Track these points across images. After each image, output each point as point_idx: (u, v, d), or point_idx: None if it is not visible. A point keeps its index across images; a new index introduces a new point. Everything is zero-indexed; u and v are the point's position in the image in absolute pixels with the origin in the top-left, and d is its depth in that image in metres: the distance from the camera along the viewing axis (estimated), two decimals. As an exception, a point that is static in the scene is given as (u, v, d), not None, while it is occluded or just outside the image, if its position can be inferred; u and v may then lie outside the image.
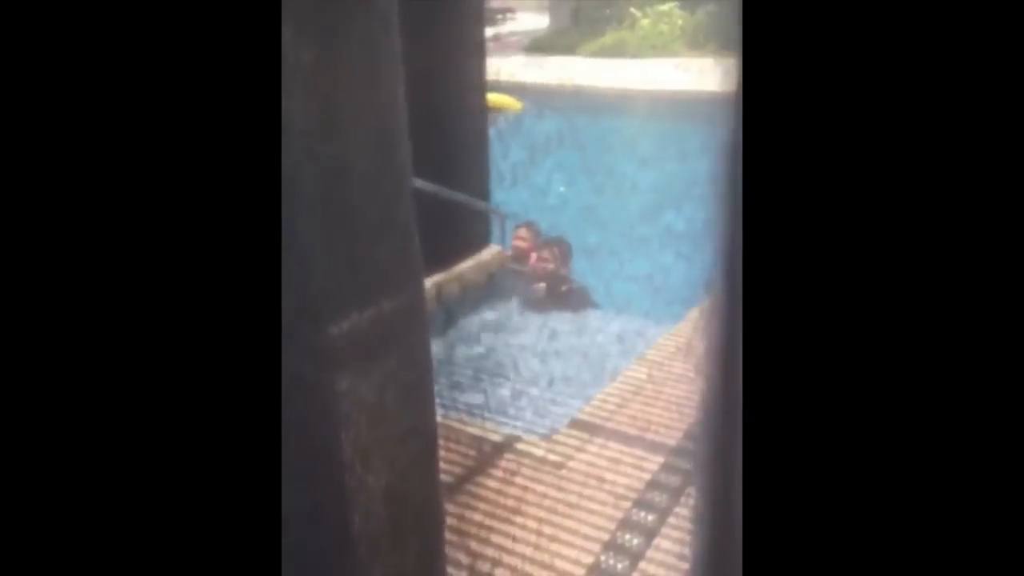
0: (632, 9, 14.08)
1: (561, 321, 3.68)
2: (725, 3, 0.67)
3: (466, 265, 3.81)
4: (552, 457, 2.52)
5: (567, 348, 3.37)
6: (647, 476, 2.41)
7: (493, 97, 10.41)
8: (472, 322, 3.64)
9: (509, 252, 4.20)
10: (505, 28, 16.17)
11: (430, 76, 3.23)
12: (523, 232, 4.46)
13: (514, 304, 3.90)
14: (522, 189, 5.13)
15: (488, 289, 3.88)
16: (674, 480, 2.39)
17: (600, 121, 9.44)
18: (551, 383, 3.06)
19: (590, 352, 3.33)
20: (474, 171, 3.81)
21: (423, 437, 1.40)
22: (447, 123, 3.50)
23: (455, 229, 3.56)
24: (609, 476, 2.42)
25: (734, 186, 0.67)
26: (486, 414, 2.82)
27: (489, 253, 4.01)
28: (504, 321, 3.68)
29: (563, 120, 8.81)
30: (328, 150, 1.14)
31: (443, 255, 3.51)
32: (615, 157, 7.62)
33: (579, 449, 2.56)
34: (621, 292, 4.07)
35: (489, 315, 3.74)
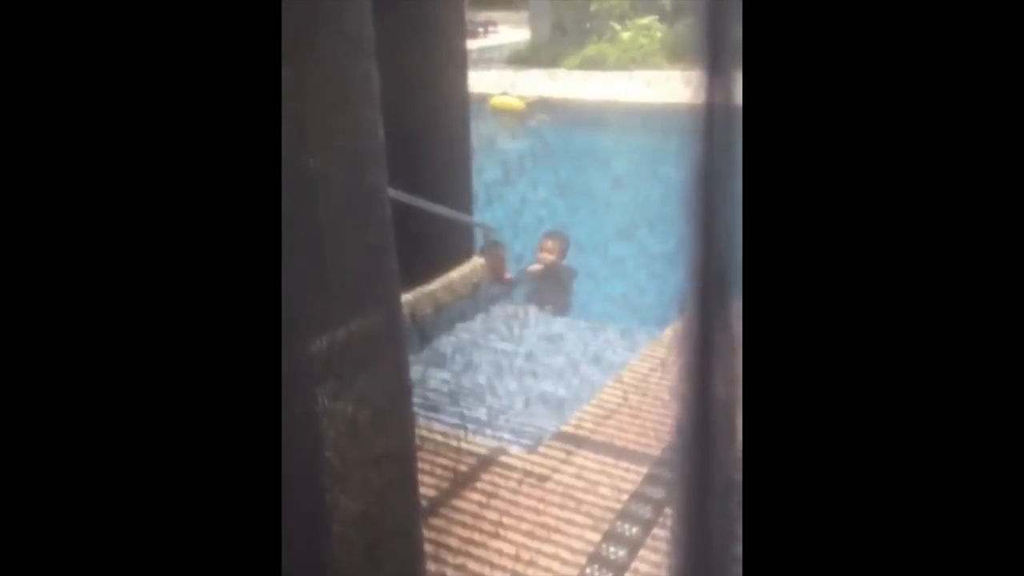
0: (612, 23, 14.19)
1: (543, 334, 3.68)
2: (704, 18, 0.67)
3: (451, 276, 3.80)
4: (536, 470, 2.51)
5: (551, 360, 3.37)
6: (631, 488, 2.41)
7: (496, 101, 10.54)
8: (456, 333, 3.63)
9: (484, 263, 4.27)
10: (487, 41, 16.23)
11: (412, 89, 3.23)
12: (497, 252, 4.67)
13: (498, 315, 3.90)
14: (497, 208, 5.19)
15: (472, 300, 3.88)
16: (658, 492, 2.39)
17: (578, 134, 9.47)
18: (535, 395, 3.05)
19: (573, 365, 3.33)
20: (458, 183, 3.81)
21: (400, 459, 1.39)
22: (430, 136, 3.51)
23: (439, 241, 3.56)
24: (593, 488, 2.42)
25: (705, 204, 0.68)
26: (470, 427, 2.81)
27: (471, 266, 4.01)
28: (487, 332, 3.68)
29: (538, 136, 8.85)
30: (298, 172, 1.14)
31: (427, 267, 3.51)
32: (592, 173, 7.65)
33: (563, 462, 2.56)
34: (597, 311, 4.09)
35: (472, 326, 3.73)
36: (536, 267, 4.79)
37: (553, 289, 4.66)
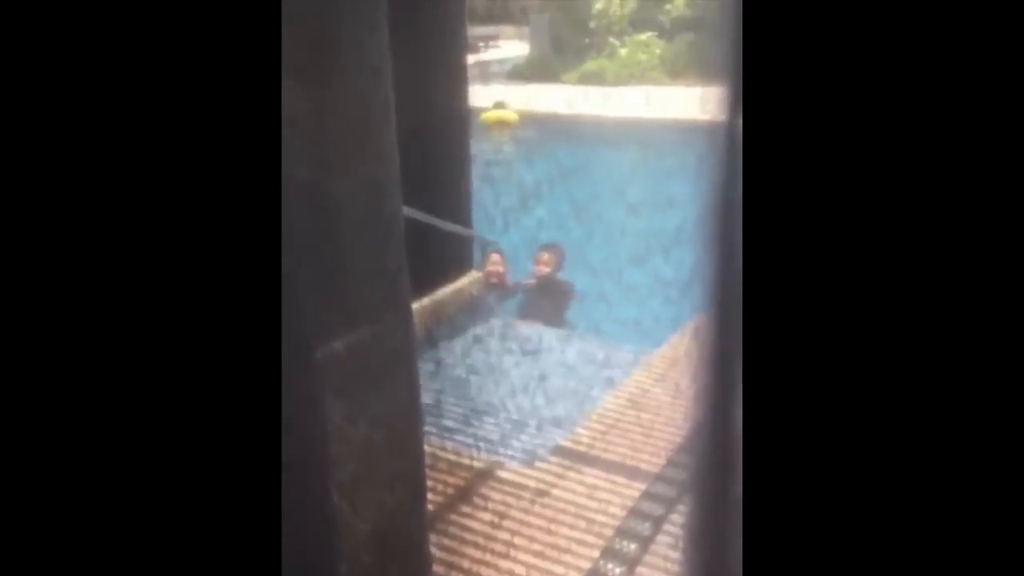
0: (611, 38, 14.30)
1: (544, 349, 3.67)
2: (704, 33, 0.68)
3: (449, 290, 3.80)
4: (535, 485, 2.50)
5: (550, 375, 3.35)
6: (629, 504, 2.40)
7: (488, 115, 10.62)
8: (453, 348, 3.62)
9: (482, 274, 4.28)
10: (487, 56, 16.34)
11: (412, 102, 3.24)
12: (496, 258, 4.75)
13: (496, 329, 3.89)
14: (513, 233, 5.23)
15: (471, 314, 3.87)
16: (656, 509, 2.38)
17: (586, 151, 9.51)
18: (534, 411, 3.04)
19: (573, 381, 3.32)
20: (456, 196, 3.82)
21: (411, 479, 1.39)
22: (429, 149, 3.51)
23: (439, 254, 3.55)
24: (592, 504, 2.40)
25: (720, 231, 0.68)
26: (468, 441, 2.80)
27: (470, 278, 4.01)
28: (486, 347, 3.67)
29: (550, 157, 8.90)
30: (323, 196, 1.17)
31: (425, 280, 3.51)
32: (590, 187, 7.68)
33: (562, 477, 2.55)
34: (611, 334, 4.05)
35: (471, 341, 3.72)
36: (531, 281, 4.81)
37: (549, 302, 4.66)
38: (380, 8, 1.22)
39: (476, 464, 2.62)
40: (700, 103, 0.66)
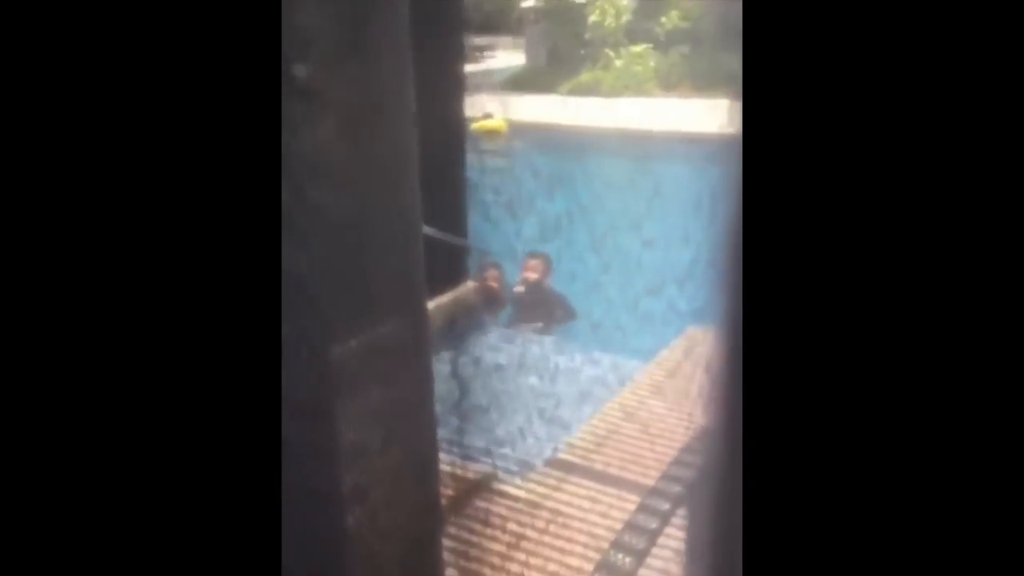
0: (606, 50, 14.38)
1: (538, 359, 3.67)
2: (699, 46, 0.67)
3: (445, 299, 3.79)
4: (529, 496, 2.49)
5: (543, 385, 3.35)
6: (625, 516, 2.38)
7: (479, 125, 10.65)
8: (453, 358, 3.60)
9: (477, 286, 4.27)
10: (483, 66, 16.38)
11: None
12: (494, 273, 4.73)
13: (494, 341, 3.88)
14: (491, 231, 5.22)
15: (465, 324, 3.86)
16: (652, 522, 2.37)
17: (578, 161, 9.53)
18: (528, 421, 3.03)
19: (567, 390, 3.31)
20: (452, 206, 3.81)
21: (428, 494, 1.40)
22: (426, 158, 3.50)
23: (434, 263, 3.54)
24: (587, 516, 2.39)
25: (734, 263, 0.68)
26: (464, 452, 2.78)
27: (466, 288, 4.00)
28: (485, 355, 3.66)
29: (543, 166, 8.92)
30: (352, 224, 1.21)
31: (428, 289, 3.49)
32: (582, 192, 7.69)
33: (556, 488, 2.53)
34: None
35: (468, 351, 3.71)
36: (519, 289, 4.81)
37: (539, 310, 4.66)
38: (408, 48, 1.27)
39: (471, 476, 2.61)
40: (716, 117, 0.66)
